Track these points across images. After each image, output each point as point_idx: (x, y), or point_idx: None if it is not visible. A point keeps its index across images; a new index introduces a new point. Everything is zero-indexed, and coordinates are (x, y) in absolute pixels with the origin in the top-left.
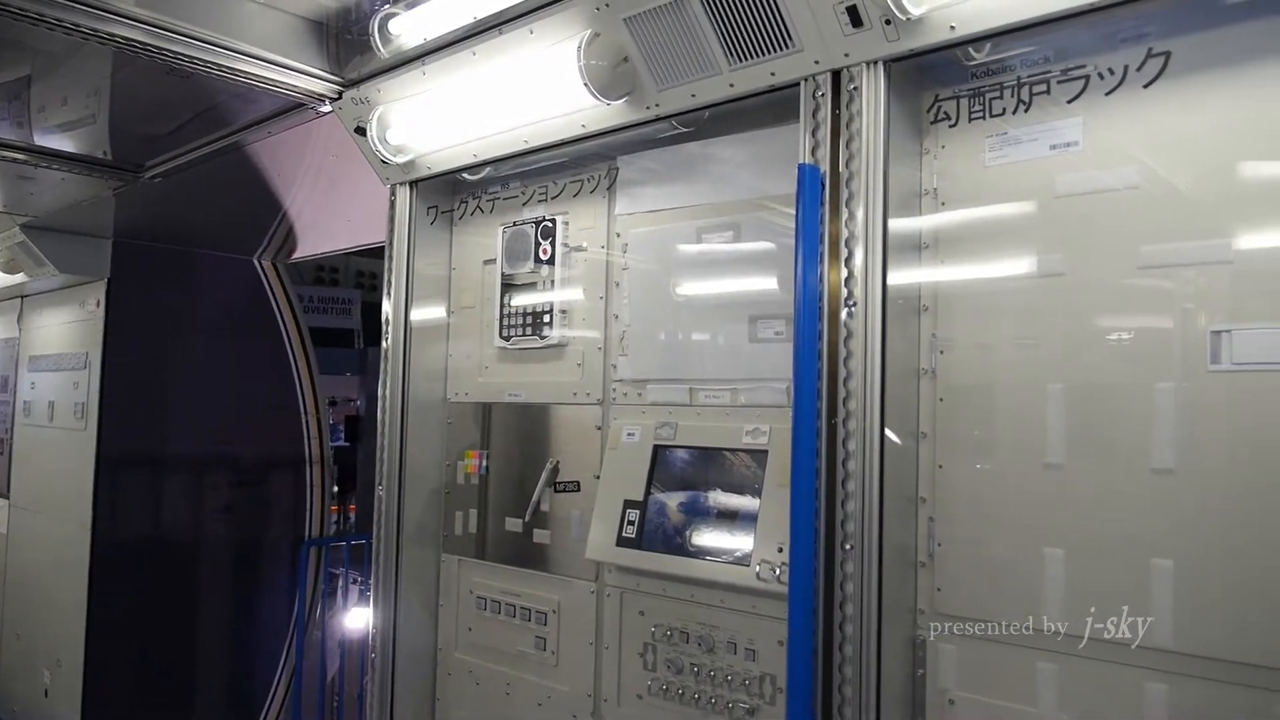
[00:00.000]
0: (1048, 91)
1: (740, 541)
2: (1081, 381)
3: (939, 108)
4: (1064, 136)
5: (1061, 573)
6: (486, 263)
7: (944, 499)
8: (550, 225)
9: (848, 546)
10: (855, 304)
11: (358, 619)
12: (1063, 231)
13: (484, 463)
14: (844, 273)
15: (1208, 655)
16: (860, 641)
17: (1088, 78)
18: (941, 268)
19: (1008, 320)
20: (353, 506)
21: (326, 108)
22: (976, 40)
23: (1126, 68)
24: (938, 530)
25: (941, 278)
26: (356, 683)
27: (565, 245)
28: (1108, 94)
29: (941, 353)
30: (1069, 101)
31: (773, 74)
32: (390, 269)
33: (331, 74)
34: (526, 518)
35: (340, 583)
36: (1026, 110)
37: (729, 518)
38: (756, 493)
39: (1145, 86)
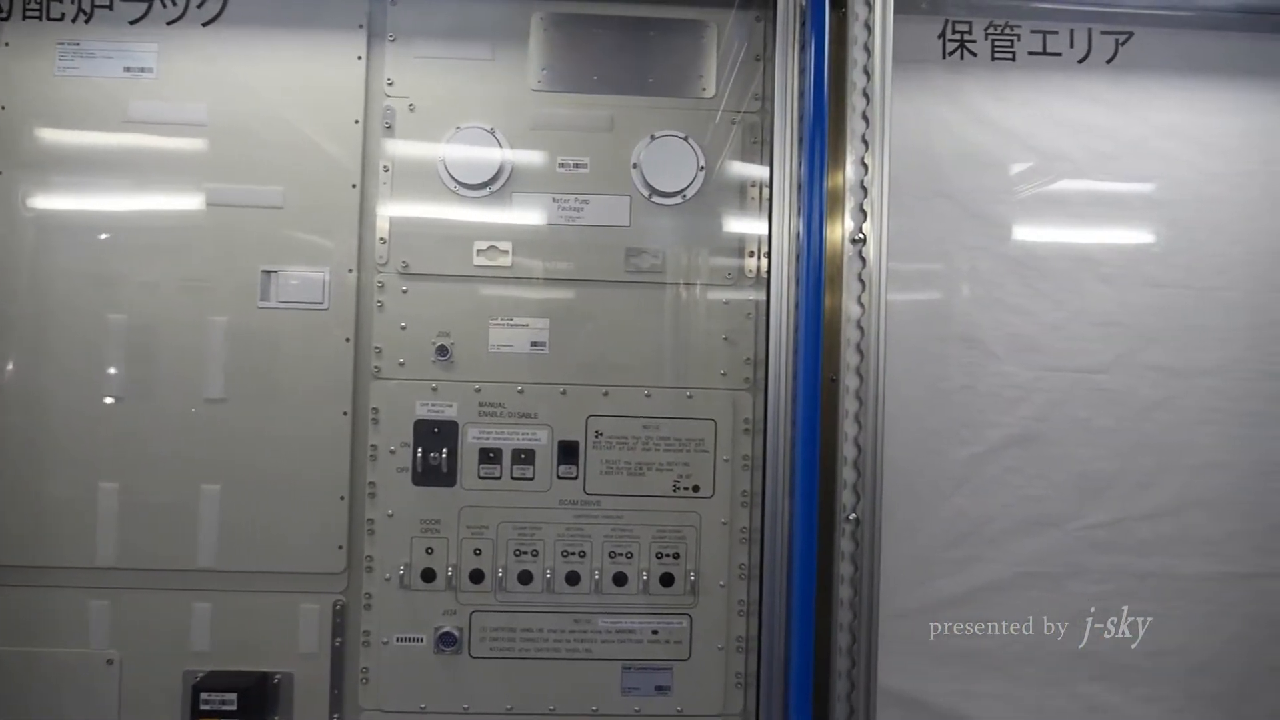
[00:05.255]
0: (110, 7)
1: None
2: (143, 314)
3: None
4: (139, 61)
5: (116, 506)
6: None
7: None
8: None
9: None
10: None
11: None
12: (134, 160)
13: None
14: None
15: (247, 569)
16: None
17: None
18: None
19: (71, 250)
20: None
21: None
22: None
23: (189, 2)
24: None
25: None
26: None
27: None
28: (170, 23)
29: None
30: (132, 22)
31: None
32: None
33: None
34: None
35: None
36: (88, 21)
37: None
38: None
39: (205, 25)
